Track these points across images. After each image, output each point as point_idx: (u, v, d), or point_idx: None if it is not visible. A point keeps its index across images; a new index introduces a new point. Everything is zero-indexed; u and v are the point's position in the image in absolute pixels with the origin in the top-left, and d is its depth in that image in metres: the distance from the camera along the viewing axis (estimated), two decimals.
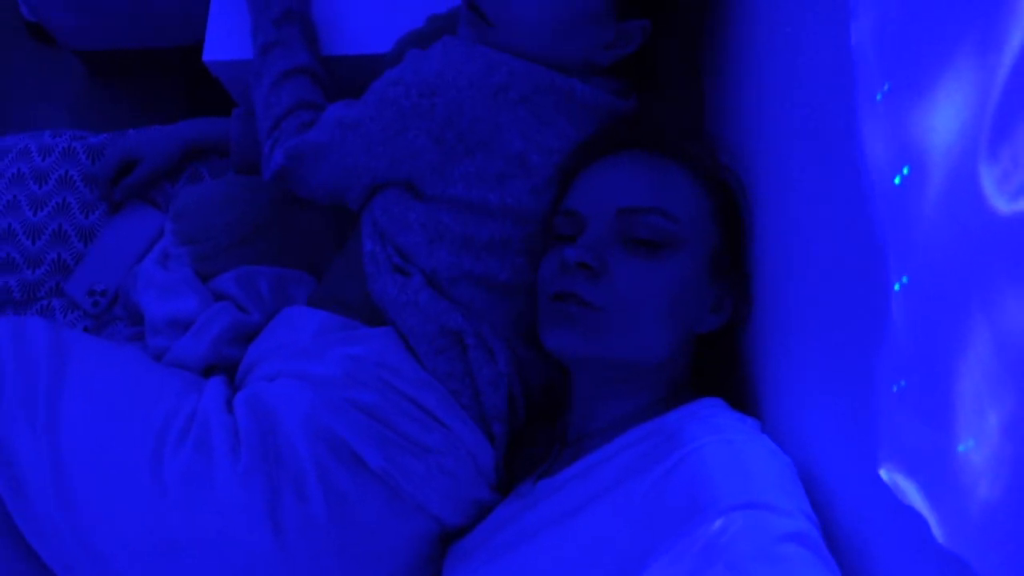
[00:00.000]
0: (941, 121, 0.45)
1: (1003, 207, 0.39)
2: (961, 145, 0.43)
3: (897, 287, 0.50)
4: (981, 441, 0.41)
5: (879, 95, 0.52)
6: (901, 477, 0.50)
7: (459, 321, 0.83)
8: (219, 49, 1.11)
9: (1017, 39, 0.38)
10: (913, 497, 0.48)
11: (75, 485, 0.73)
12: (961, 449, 0.43)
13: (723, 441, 0.63)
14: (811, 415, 0.66)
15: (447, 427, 0.81)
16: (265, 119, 0.97)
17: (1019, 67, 0.38)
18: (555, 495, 0.71)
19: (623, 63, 0.90)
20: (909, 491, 0.49)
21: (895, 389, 0.50)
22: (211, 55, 1.11)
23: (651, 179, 0.77)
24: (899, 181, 0.50)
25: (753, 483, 0.59)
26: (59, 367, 0.79)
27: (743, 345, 0.81)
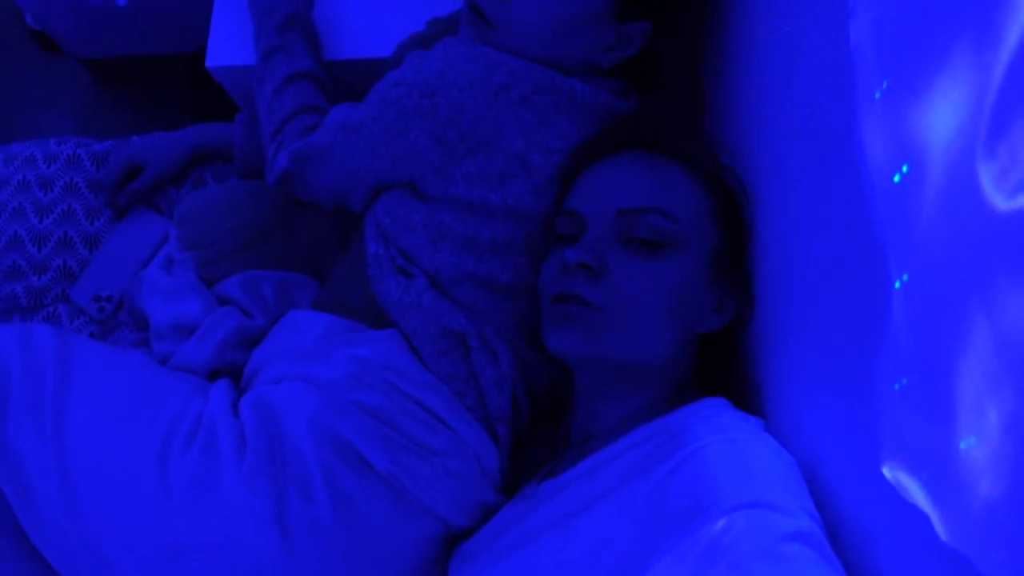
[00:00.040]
0: (939, 119, 0.45)
1: (1001, 204, 0.39)
2: (959, 143, 0.43)
3: (897, 285, 0.50)
4: (982, 438, 0.41)
5: (878, 93, 0.52)
6: (904, 475, 0.50)
7: (462, 323, 0.83)
8: (222, 55, 1.12)
9: (1014, 37, 0.38)
10: (916, 495, 0.48)
11: (81, 490, 0.74)
12: (963, 447, 0.43)
13: (726, 441, 0.63)
14: (814, 414, 0.66)
15: (452, 429, 0.81)
16: (268, 124, 0.98)
17: (1016, 65, 0.38)
18: (559, 496, 0.71)
19: (623, 63, 0.90)
20: (912, 489, 0.49)
21: (897, 387, 0.50)
22: (214, 61, 1.12)
23: (651, 179, 0.77)
24: (898, 179, 0.50)
25: (756, 482, 0.59)
26: (65, 373, 0.79)
27: (745, 344, 0.81)
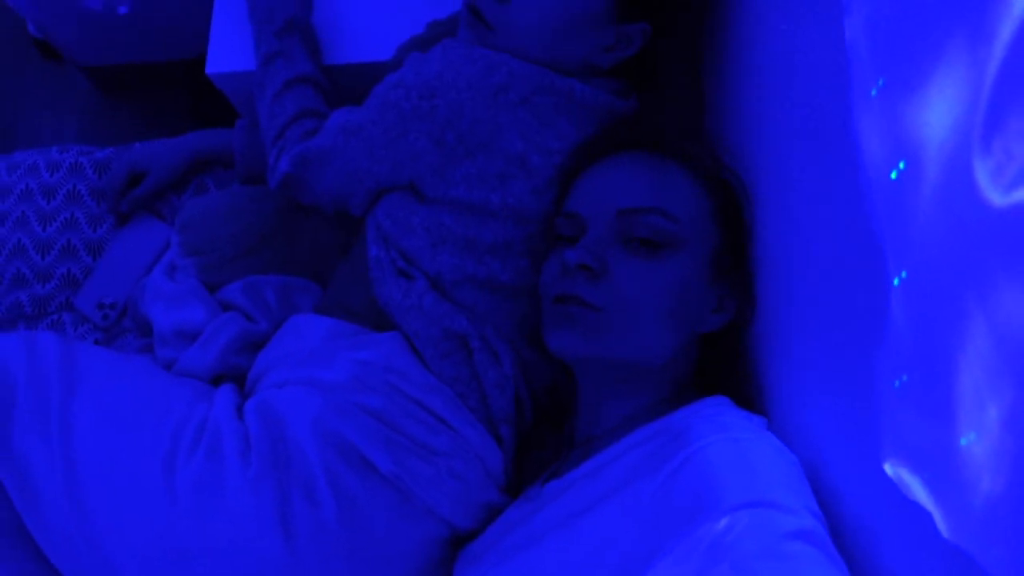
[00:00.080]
0: (935, 115, 0.45)
1: (997, 200, 0.39)
2: (955, 139, 0.43)
3: (896, 282, 0.50)
4: (982, 435, 0.41)
5: (874, 90, 0.52)
6: (905, 472, 0.50)
7: (463, 324, 0.83)
8: (222, 61, 1.12)
9: (1007, 32, 0.38)
10: (918, 492, 0.48)
11: (88, 495, 0.74)
12: (963, 443, 0.43)
13: (728, 440, 0.63)
14: (816, 412, 0.66)
15: (455, 430, 0.81)
16: (269, 129, 0.98)
17: (1009, 60, 0.38)
18: (563, 497, 0.72)
19: (623, 64, 0.90)
20: (914, 486, 0.49)
21: (897, 384, 0.50)
22: (214, 67, 1.12)
23: (651, 179, 0.77)
24: (896, 176, 0.50)
25: (758, 481, 0.59)
26: (70, 379, 0.79)
27: (747, 343, 0.81)
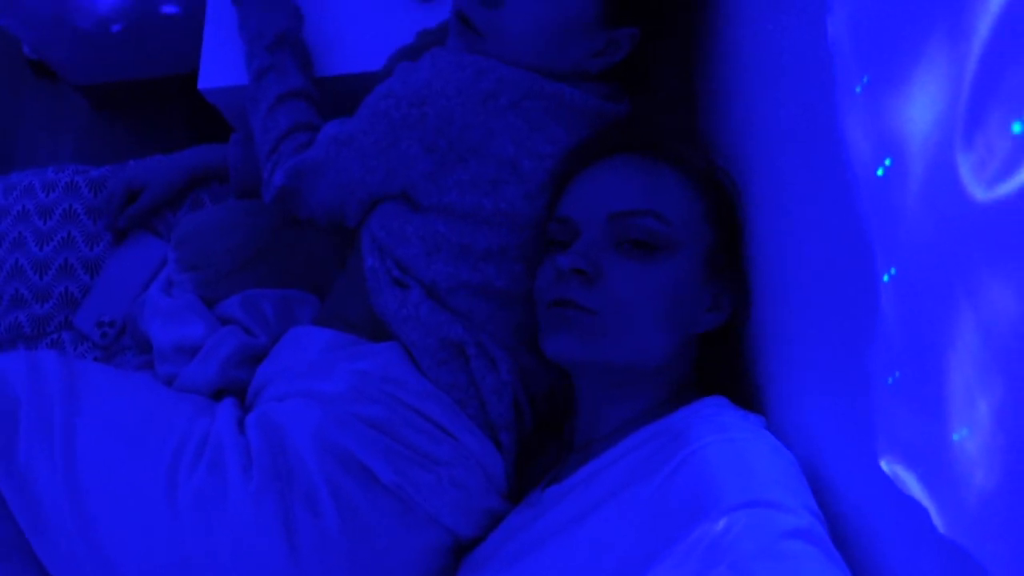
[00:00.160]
0: (918, 111, 0.45)
1: (980, 195, 0.39)
2: (938, 135, 0.43)
3: (886, 279, 0.50)
4: (974, 430, 0.41)
5: (859, 88, 0.52)
6: (901, 468, 0.50)
7: (459, 332, 0.84)
8: (214, 76, 1.12)
9: (984, 28, 0.38)
10: (913, 488, 0.48)
11: (92, 512, 0.74)
12: (955, 438, 0.43)
13: (726, 440, 0.63)
14: (813, 410, 0.65)
15: (455, 438, 0.81)
16: (263, 143, 0.98)
17: (987, 56, 0.38)
18: (563, 502, 0.72)
19: (615, 67, 0.91)
20: (909, 482, 0.49)
21: (890, 381, 0.50)
22: (206, 83, 1.12)
23: (642, 182, 0.77)
24: (882, 173, 0.50)
25: (756, 481, 0.59)
26: (73, 398, 0.80)
27: (744, 342, 0.81)
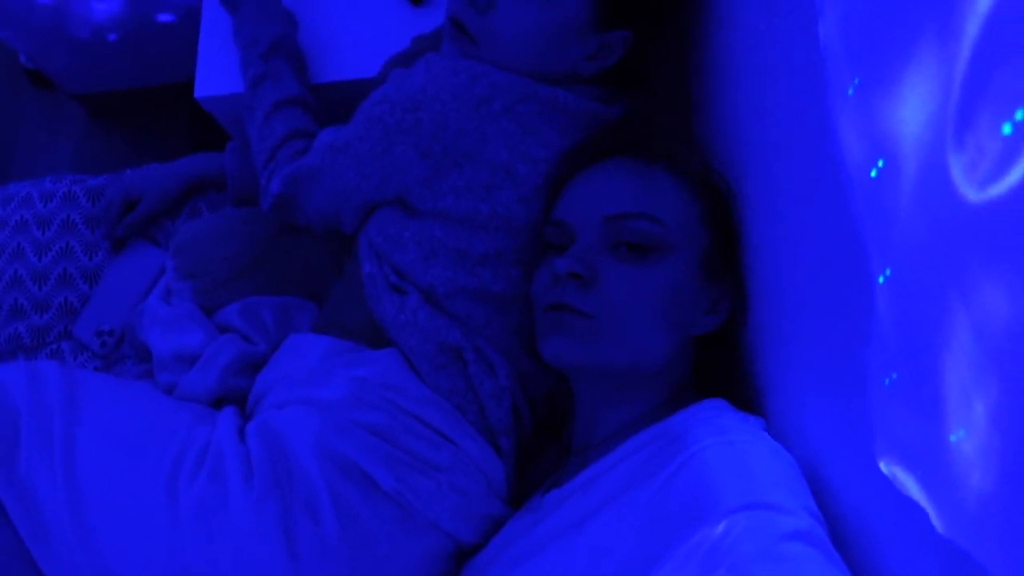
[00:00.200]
0: (909, 113, 0.45)
1: (972, 196, 0.39)
2: (930, 136, 0.43)
3: (881, 280, 0.50)
4: (971, 431, 0.41)
5: (851, 90, 0.52)
6: (899, 470, 0.50)
7: (457, 337, 0.84)
8: (210, 85, 1.13)
9: (973, 29, 0.38)
10: (912, 489, 0.48)
11: (92, 521, 0.74)
12: (953, 439, 0.43)
13: (725, 443, 0.63)
14: (813, 412, 0.65)
15: (455, 443, 0.81)
16: (260, 152, 0.98)
17: (976, 57, 0.38)
18: (563, 506, 0.71)
19: (609, 70, 0.91)
20: (908, 483, 0.49)
21: (887, 382, 0.50)
22: (202, 91, 1.13)
23: (636, 185, 0.77)
24: (875, 174, 0.50)
25: (755, 483, 0.59)
26: (73, 407, 0.80)
27: (743, 344, 0.81)
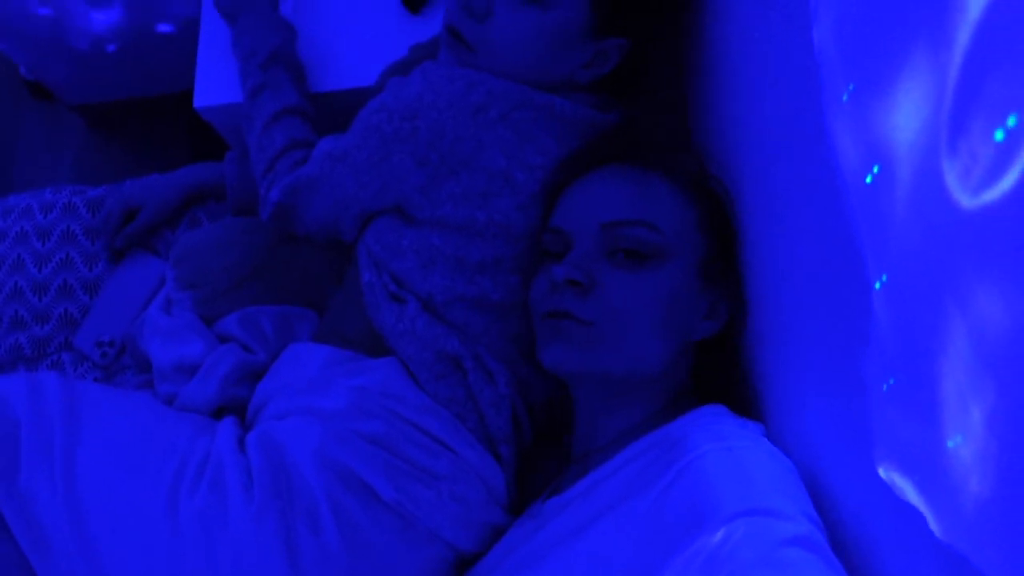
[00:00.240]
0: (904, 119, 0.45)
1: (966, 202, 0.39)
2: (924, 142, 0.43)
3: (877, 286, 0.50)
4: (968, 437, 0.41)
5: (845, 96, 0.53)
6: (898, 475, 0.50)
7: (455, 345, 0.84)
8: (209, 95, 1.13)
9: (965, 36, 0.38)
10: (910, 494, 0.48)
11: (93, 533, 0.74)
12: (950, 445, 0.43)
13: (723, 449, 0.63)
14: (812, 417, 0.65)
15: (454, 452, 0.81)
16: (259, 162, 0.98)
17: (968, 65, 0.38)
18: (563, 514, 0.71)
19: (606, 77, 0.91)
20: (907, 488, 0.49)
21: (885, 388, 0.50)
22: (201, 101, 1.13)
23: (633, 192, 0.77)
24: (870, 180, 0.50)
25: (754, 489, 0.59)
26: (73, 418, 0.80)
27: (742, 349, 0.81)
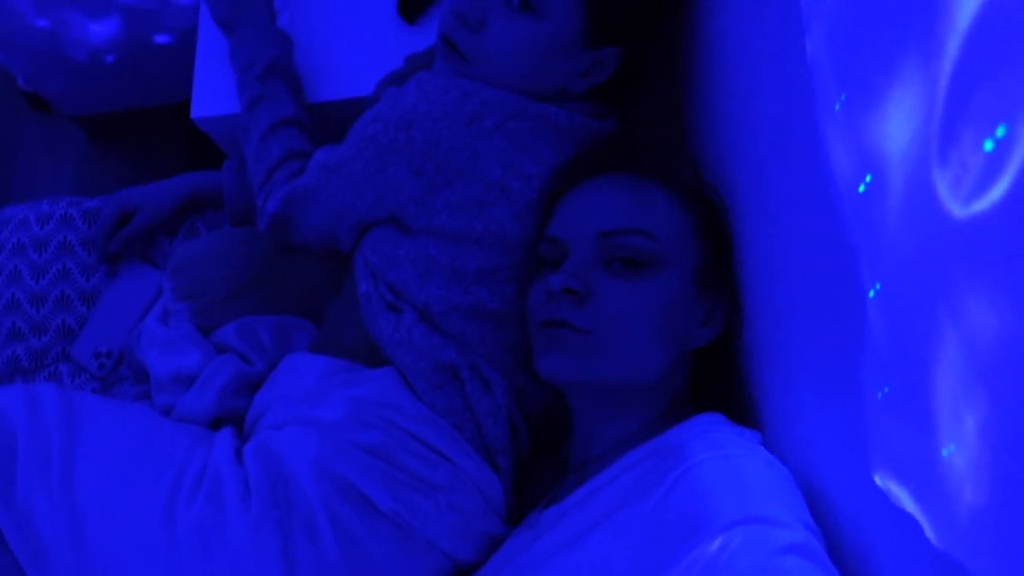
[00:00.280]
0: (895, 128, 0.46)
1: (957, 211, 0.39)
2: (915, 151, 0.43)
3: (871, 294, 0.50)
4: (962, 445, 0.41)
5: (837, 105, 0.53)
6: (893, 483, 0.50)
7: (452, 355, 0.84)
8: (206, 106, 1.13)
9: (954, 47, 0.39)
10: (906, 502, 0.48)
11: (91, 544, 0.74)
12: (944, 453, 0.43)
13: (721, 457, 0.63)
14: (809, 425, 0.65)
15: (452, 462, 0.81)
16: (257, 173, 0.99)
17: (958, 75, 0.39)
18: (560, 523, 0.71)
19: (601, 86, 0.91)
20: (902, 496, 0.49)
21: (880, 396, 0.50)
22: (199, 112, 1.13)
23: (629, 200, 0.77)
24: (863, 189, 0.50)
25: (751, 497, 0.59)
26: (71, 430, 0.80)
27: (739, 357, 0.81)
